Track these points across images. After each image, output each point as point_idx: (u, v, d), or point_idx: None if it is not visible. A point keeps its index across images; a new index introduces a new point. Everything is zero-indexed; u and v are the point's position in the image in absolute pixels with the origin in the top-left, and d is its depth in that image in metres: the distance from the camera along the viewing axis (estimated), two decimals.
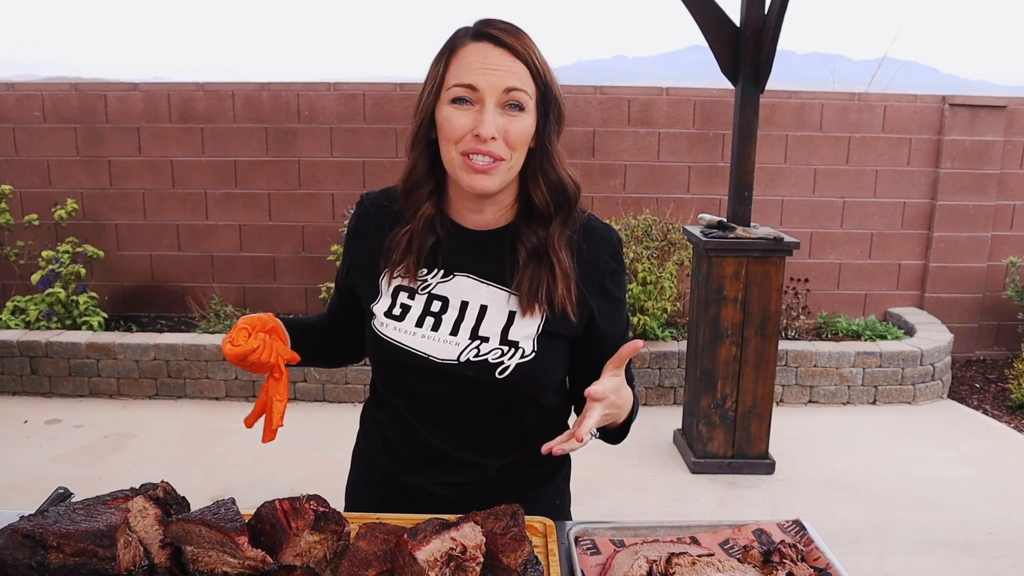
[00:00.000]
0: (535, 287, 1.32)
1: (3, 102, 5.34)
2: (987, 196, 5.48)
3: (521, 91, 1.26)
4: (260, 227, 5.50)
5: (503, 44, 1.25)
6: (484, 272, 1.36)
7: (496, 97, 1.25)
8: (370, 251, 1.41)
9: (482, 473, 1.40)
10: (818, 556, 1.24)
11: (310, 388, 4.76)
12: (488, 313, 1.34)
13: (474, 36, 1.27)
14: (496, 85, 1.24)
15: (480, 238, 1.37)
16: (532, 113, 1.28)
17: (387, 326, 1.36)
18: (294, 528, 1.09)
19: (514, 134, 1.26)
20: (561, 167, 1.34)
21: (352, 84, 5.41)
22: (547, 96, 1.29)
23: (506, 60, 1.25)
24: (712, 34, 3.78)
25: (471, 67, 1.25)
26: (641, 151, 5.44)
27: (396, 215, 1.38)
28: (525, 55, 1.26)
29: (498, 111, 1.25)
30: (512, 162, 1.29)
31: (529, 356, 1.32)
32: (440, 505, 1.37)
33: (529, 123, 1.28)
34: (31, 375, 4.76)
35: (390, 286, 1.38)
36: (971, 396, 5.10)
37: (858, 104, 5.44)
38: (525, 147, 1.30)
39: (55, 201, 5.29)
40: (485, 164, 1.26)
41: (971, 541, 3.35)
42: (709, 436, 3.92)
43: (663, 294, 4.88)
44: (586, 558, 1.25)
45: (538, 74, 1.27)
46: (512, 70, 1.25)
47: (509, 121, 1.26)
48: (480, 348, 1.32)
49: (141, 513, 1.14)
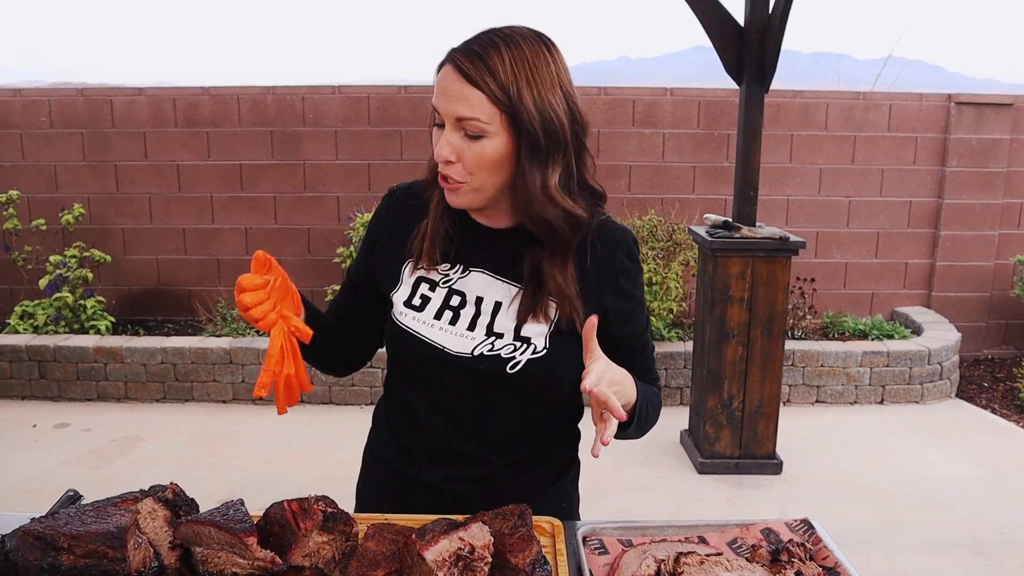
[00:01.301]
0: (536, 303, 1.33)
1: (10, 108, 5.37)
2: (994, 194, 5.47)
3: (471, 120, 1.21)
4: (266, 230, 5.51)
5: (459, 69, 1.22)
6: (497, 269, 1.37)
7: (452, 122, 1.23)
8: (396, 239, 1.43)
9: (488, 469, 1.41)
10: (827, 555, 1.23)
11: (316, 390, 4.77)
12: (503, 309, 1.35)
13: (447, 57, 1.25)
14: (450, 112, 1.23)
15: (492, 235, 1.38)
16: (499, 138, 1.23)
17: (406, 315, 1.38)
18: (303, 529, 1.10)
19: (469, 159, 1.24)
20: (548, 201, 1.25)
21: (357, 87, 5.43)
22: (518, 120, 1.21)
23: (460, 87, 1.21)
24: (716, 34, 3.78)
25: (437, 91, 1.25)
26: (646, 152, 5.44)
27: (426, 209, 1.40)
28: (477, 79, 1.20)
29: (458, 134, 1.24)
30: (476, 183, 1.27)
31: (541, 352, 1.33)
32: (445, 501, 1.38)
33: (490, 148, 1.23)
34: (39, 379, 4.79)
35: (412, 275, 1.40)
36: (979, 395, 5.09)
37: (863, 103, 5.43)
38: (488, 171, 1.26)
39: (62, 206, 5.32)
40: (451, 183, 1.27)
41: (980, 540, 3.33)
42: (716, 436, 3.92)
43: (669, 294, 4.88)
44: (594, 558, 1.25)
45: (499, 99, 1.21)
46: (462, 97, 1.21)
47: (468, 145, 1.24)
48: (494, 344, 1.33)
49: (151, 515, 1.14)
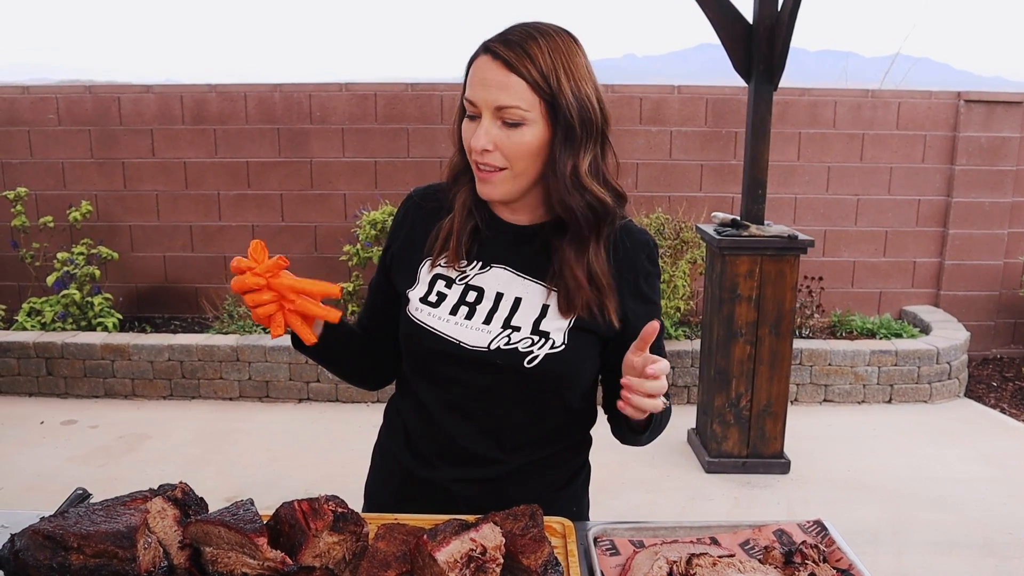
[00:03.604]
0: (572, 292, 1.32)
1: (18, 105, 5.38)
2: (1003, 193, 5.44)
3: (513, 108, 1.23)
4: (272, 228, 5.51)
5: (499, 58, 1.23)
6: (521, 265, 1.37)
7: (491, 112, 1.25)
8: (414, 242, 1.43)
9: (499, 470, 1.40)
10: (840, 557, 1.22)
11: (323, 388, 4.77)
12: (522, 305, 1.34)
13: (482, 48, 1.27)
14: (489, 101, 1.24)
15: (517, 232, 1.38)
16: (537, 125, 1.25)
17: (421, 311, 1.37)
18: (313, 529, 1.09)
19: (509, 147, 1.26)
20: (574, 187, 1.27)
21: (364, 85, 5.42)
22: (556, 108, 1.24)
23: (501, 75, 1.23)
24: (725, 31, 3.76)
25: (473, 82, 1.26)
26: (653, 149, 5.42)
27: (447, 210, 1.40)
28: (520, 68, 1.22)
29: (495, 124, 1.25)
30: (516, 171, 1.28)
31: (559, 348, 1.32)
32: (455, 503, 1.37)
33: (529, 136, 1.25)
34: (47, 376, 4.80)
35: (430, 273, 1.39)
36: (988, 395, 5.06)
37: (872, 101, 5.40)
38: (529, 159, 1.27)
39: (70, 203, 5.33)
40: (487, 172, 1.28)
41: (990, 541, 3.32)
42: (723, 435, 3.91)
43: (676, 293, 4.87)
44: (605, 559, 1.24)
45: (540, 87, 1.23)
46: (505, 86, 1.23)
47: (507, 134, 1.25)
48: (511, 337, 1.32)
49: (160, 514, 1.14)
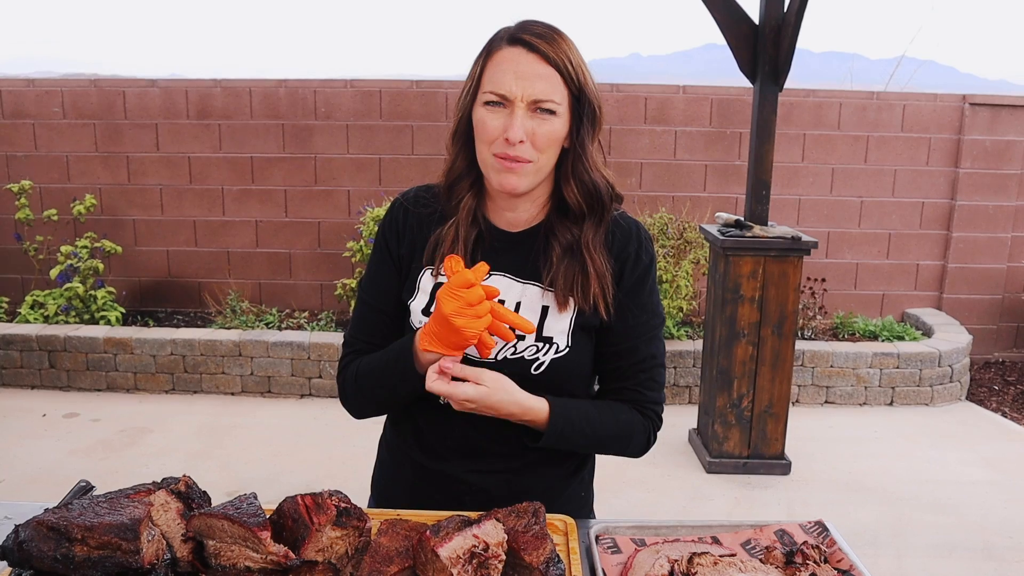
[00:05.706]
0: (569, 282, 1.34)
1: (23, 99, 5.39)
2: (1007, 196, 5.43)
3: (548, 100, 1.26)
4: (276, 223, 5.52)
5: (536, 50, 1.26)
6: (518, 270, 1.38)
7: (526, 104, 1.26)
8: (410, 248, 1.41)
9: (513, 463, 1.42)
10: (841, 558, 1.23)
11: (325, 384, 4.77)
12: (522, 310, 1.36)
13: (510, 40, 1.28)
14: (527, 93, 1.25)
15: (514, 239, 1.39)
16: (564, 116, 1.29)
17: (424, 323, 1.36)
18: (316, 524, 1.09)
19: (541, 137, 1.27)
20: (594, 169, 1.34)
21: (369, 81, 5.42)
22: (580, 99, 1.29)
23: (538, 67, 1.26)
24: (731, 32, 3.76)
25: (504, 73, 1.26)
26: (657, 149, 5.42)
27: (441, 216, 1.39)
28: (558, 61, 1.26)
29: (528, 114, 1.26)
30: (540, 163, 1.30)
31: (564, 351, 1.34)
32: (469, 490, 1.40)
33: (558, 126, 1.28)
34: (49, 369, 4.81)
35: (431, 283, 1.38)
36: (990, 398, 5.06)
37: (877, 103, 5.40)
38: (554, 149, 1.31)
39: (74, 196, 5.33)
40: (517, 164, 1.29)
41: (989, 544, 3.32)
42: (725, 436, 3.91)
43: (679, 293, 4.87)
44: (607, 557, 1.25)
45: (571, 79, 1.27)
46: (543, 77, 1.26)
47: (538, 124, 1.27)
48: (516, 346, 1.34)
49: (164, 507, 1.15)
